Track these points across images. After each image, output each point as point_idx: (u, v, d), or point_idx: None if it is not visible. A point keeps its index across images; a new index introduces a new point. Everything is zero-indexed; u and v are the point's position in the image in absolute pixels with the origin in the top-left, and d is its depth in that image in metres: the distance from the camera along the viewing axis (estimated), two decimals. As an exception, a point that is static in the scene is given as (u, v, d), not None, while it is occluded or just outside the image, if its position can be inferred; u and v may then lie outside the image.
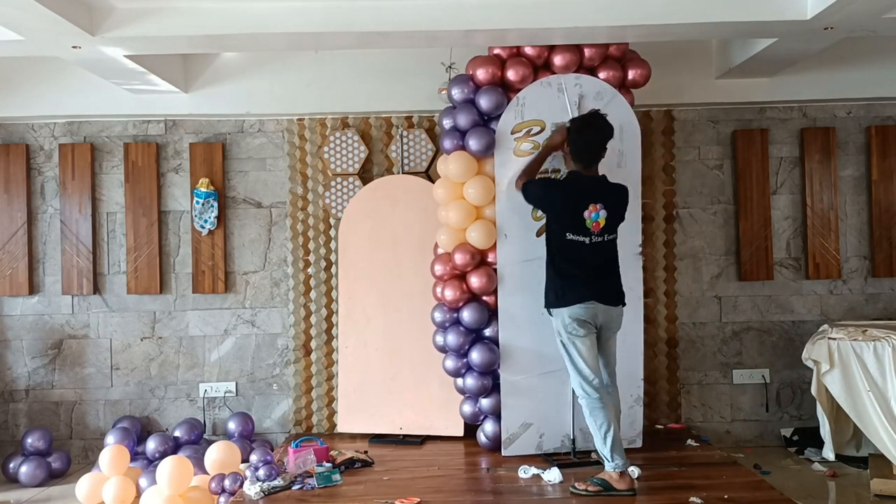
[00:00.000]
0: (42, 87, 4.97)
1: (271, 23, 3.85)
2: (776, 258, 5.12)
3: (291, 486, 3.82)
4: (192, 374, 5.12)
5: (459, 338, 4.28)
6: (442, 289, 4.32)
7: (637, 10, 3.84)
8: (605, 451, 3.62)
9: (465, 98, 4.30)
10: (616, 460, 3.60)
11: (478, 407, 4.37)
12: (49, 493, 4.53)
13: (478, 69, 4.23)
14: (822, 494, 4.16)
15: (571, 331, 3.70)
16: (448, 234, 4.33)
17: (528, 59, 4.25)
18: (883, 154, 5.13)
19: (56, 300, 5.12)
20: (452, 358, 4.36)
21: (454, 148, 4.30)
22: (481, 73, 4.23)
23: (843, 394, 4.31)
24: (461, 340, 4.28)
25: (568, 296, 3.72)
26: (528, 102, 4.19)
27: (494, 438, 4.31)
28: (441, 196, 4.37)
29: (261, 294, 5.13)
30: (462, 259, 4.23)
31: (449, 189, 4.33)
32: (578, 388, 3.71)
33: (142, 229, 5.08)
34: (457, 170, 4.25)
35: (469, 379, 4.29)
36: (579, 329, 3.69)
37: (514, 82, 4.22)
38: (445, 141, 4.35)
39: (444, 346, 4.37)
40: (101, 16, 3.78)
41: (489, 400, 4.31)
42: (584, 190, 3.77)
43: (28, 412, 5.10)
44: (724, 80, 5.00)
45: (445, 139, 4.35)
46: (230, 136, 5.16)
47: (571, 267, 3.76)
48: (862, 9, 3.66)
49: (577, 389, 3.74)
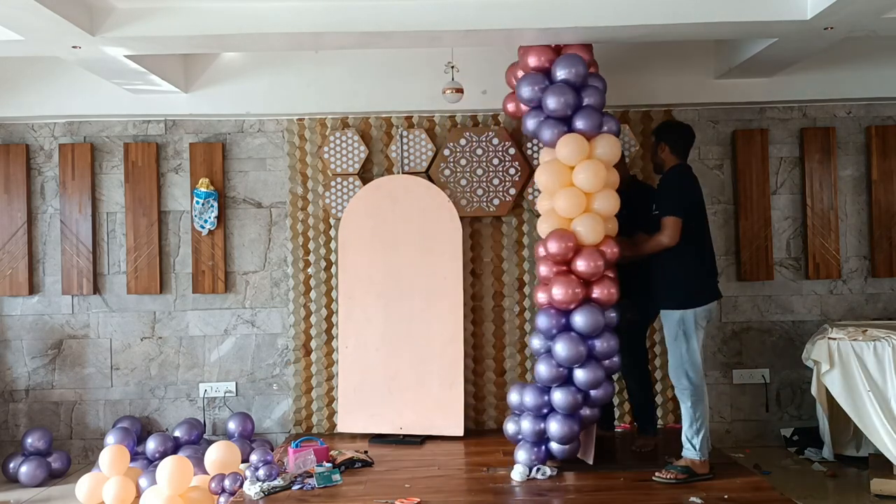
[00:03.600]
0: (42, 87, 4.97)
1: (271, 23, 3.85)
2: (776, 258, 5.12)
3: (291, 486, 3.82)
4: (192, 374, 5.12)
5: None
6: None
7: (637, 10, 3.84)
8: (696, 440, 3.81)
9: (568, 77, 3.98)
10: (704, 449, 3.82)
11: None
12: (49, 493, 4.53)
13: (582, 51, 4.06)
14: (822, 494, 4.16)
15: (700, 321, 3.86)
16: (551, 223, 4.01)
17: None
18: (883, 154, 5.13)
19: (56, 300, 5.12)
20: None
21: (558, 134, 3.94)
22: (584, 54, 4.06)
23: (843, 394, 4.30)
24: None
25: (705, 292, 3.91)
26: None
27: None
28: (546, 183, 4.02)
29: (261, 294, 5.13)
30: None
31: (559, 175, 3.95)
32: (685, 380, 3.83)
33: (142, 229, 5.08)
34: (569, 153, 3.90)
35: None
36: (703, 321, 3.88)
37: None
38: (545, 131, 3.98)
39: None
40: (101, 16, 3.78)
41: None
42: (695, 178, 4.06)
43: (28, 412, 5.10)
44: (723, 80, 5.00)
45: (545, 129, 3.99)
46: (230, 136, 5.16)
47: (704, 260, 3.96)
48: (862, 9, 3.66)
49: (684, 381, 3.84)
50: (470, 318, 5.00)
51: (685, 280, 3.88)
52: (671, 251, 3.85)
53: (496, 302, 5.02)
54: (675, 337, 3.85)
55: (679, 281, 3.88)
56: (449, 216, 4.84)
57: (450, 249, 4.82)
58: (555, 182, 3.94)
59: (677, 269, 3.88)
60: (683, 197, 3.91)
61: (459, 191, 4.99)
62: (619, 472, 3.97)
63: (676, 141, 4.06)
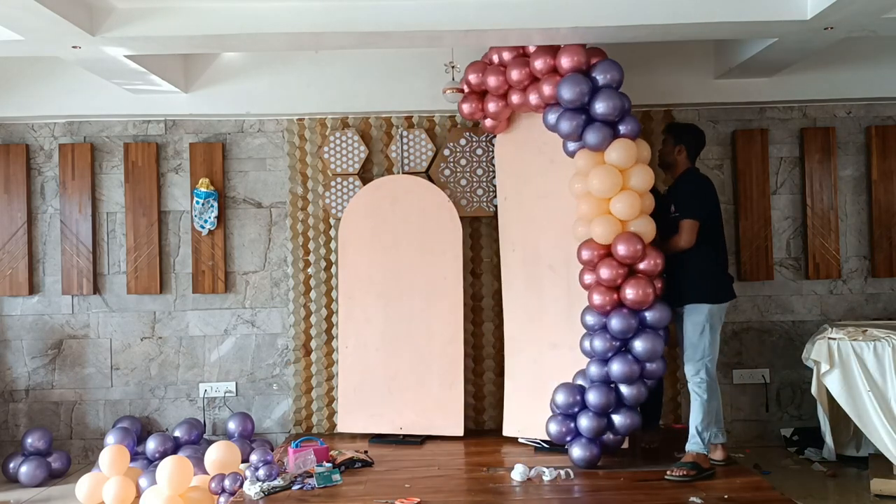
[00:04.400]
0: (42, 87, 4.97)
1: (271, 23, 3.85)
2: (776, 258, 5.12)
3: (291, 486, 3.82)
4: (192, 374, 5.12)
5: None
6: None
7: (638, 10, 3.84)
8: (706, 434, 3.92)
9: (610, 82, 4.05)
10: (708, 442, 3.95)
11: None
12: (49, 493, 4.53)
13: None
14: (822, 494, 4.16)
15: (721, 316, 4.03)
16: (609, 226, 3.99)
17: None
18: (883, 154, 5.13)
19: (56, 300, 5.12)
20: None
21: (605, 138, 3.98)
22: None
23: (843, 394, 4.30)
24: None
25: (727, 290, 4.08)
26: None
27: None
28: (599, 187, 3.99)
29: (261, 294, 5.13)
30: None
31: (614, 181, 3.96)
32: (705, 373, 3.96)
33: (142, 229, 5.08)
34: (622, 158, 3.94)
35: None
36: (723, 318, 4.07)
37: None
38: (590, 135, 3.99)
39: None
40: (101, 16, 3.78)
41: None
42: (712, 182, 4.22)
43: (28, 412, 5.10)
44: (723, 80, 5.00)
45: (591, 132, 3.99)
46: (230, 136, 5.16)
47: (721, 255, 4.12)
48: (862, 9, 3.66)
49: (703, 374, 3.96)
50: (470, 318, 4.99)
51: (712, 276, 4.04)
52: (693, 250, 3.99)
53: (496, 302, 5.02)
54: (702, 331, 3.97)
55: (707, 276, 4.03)
56: (449, 216, 4.84)
57: (450, 249, 4.82)
58: (612, 186, 3.96)
59: (704, 265, 4.04)
60: (707, 201, 4.09)
61: (459, 191, 4.99)
62: (620, 471, 3.97)
63: (695, 145, 4.25)
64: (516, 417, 4.62)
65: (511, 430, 4.63)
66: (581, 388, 4.04)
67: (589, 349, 4.06)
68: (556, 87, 4.08)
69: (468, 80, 4.55)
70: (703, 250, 4.02)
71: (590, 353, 4.07)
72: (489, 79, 4.44)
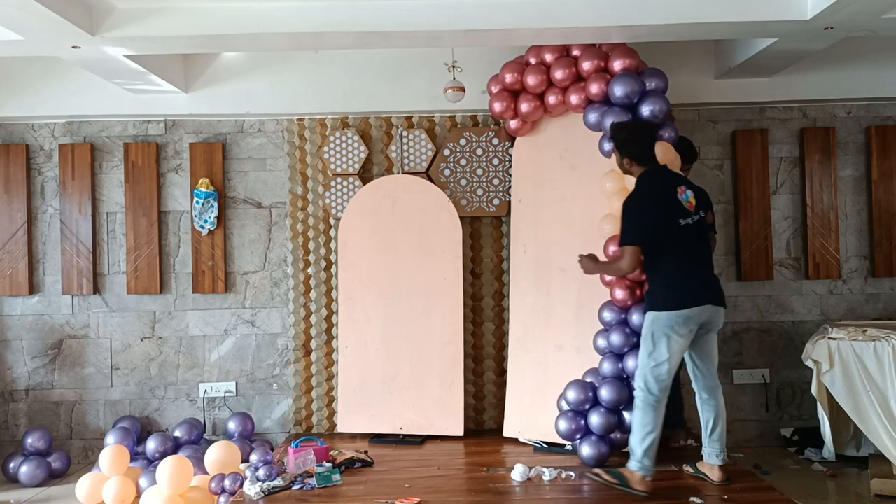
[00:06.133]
0: (42, 87, 4.97)
1: (271, 23, 3.85)
2: (776, 258, 5.12)
3: (291, 486, 3.82)
4: (192, 374, 5.12)
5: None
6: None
7: (638, 10, 3.84)
8: (639, 450, 3.58)
9: (656, 88, 4.19)
10: (645, 462, 3.58)
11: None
12: (49, 493, 4.53)
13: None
14: (822, 494, 4.16)
15: (677, 328, 3.54)
16: None
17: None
18: (883, 154, 5.14)
19: (56, 300, 5.12)
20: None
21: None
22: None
23: (843, 394, 4.30)
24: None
25: (680, 298, 3.55)
26: None
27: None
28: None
29: (261, 294, 5.14)
30: None
31: None
32: (642, 383, 3.59)
33: (142, 229, 5.08)
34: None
35: None
36: (683, 328, 3.55)
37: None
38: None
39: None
40: (101, 16, 3.79)
41: None
42: (666, 176, 3.71)
43: (28, 412, 5.10)
44: (723, 79, 5.00)
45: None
46: (230, 136, 5.16)
47: (680, 263, 3.61)
48: (862, 9, 3.66)
49: (639, 383, 3.61)
50: (470, 319, 4.99)
51: (657, 284, 3.68)
52: (647, 263, 3.67)
53: (496, 302, 5.02)
54: (643, 337, 3.66)
55: (653, 284, 3.71)
56: (449, 216, 4.84)
57: (450, 249, 4.83)
58: None
59: (652, 274, 3.71)
60: (643, 220, 3.59)
61: (459, 191, 4.99)
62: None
63: (639, 148, 3.75)
64: (517, 418, 4.62)
65: (512, 431, 4.63)
66: (593, 385, 4.06)
67: (604, 345, 4.09)
68: (608, 84, 4.18)
69: (503, 79, 4.57)
70: (655, 260, 3.64)
71: (604, 350, 4.10)
72: (528, 78, 4.48)
